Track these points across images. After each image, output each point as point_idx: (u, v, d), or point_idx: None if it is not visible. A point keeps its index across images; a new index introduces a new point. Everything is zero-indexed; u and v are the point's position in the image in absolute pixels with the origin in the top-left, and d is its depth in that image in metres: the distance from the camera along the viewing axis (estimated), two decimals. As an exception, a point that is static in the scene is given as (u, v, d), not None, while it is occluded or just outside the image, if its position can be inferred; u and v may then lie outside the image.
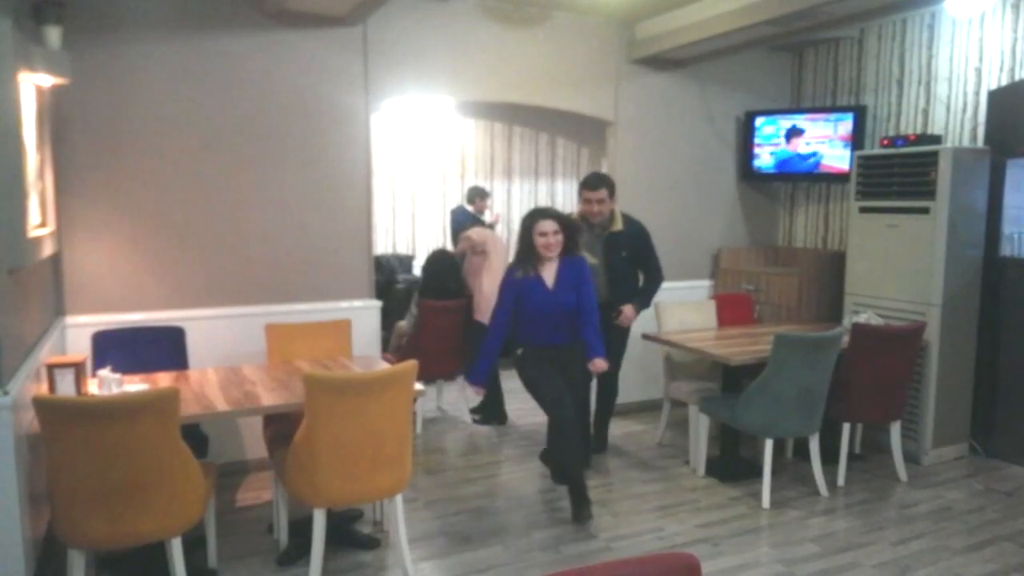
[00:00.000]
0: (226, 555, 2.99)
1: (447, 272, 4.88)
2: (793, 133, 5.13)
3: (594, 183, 3.83)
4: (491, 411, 4.90)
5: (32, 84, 2.80)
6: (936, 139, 4.28)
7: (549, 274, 3.37)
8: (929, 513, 3.48)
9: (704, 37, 4.32)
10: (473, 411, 4.96)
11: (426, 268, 4.96)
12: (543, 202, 7.55)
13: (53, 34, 2.96)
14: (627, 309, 3.92)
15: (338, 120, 4.04)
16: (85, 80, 3.38)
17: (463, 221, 5.91)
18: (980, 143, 4.28)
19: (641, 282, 4.10)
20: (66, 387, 2.63)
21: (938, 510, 3.52)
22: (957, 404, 4.19)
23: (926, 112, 4.64)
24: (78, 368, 2.66)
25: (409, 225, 7.13)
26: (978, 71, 4.33)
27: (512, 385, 5.40)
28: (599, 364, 3.35)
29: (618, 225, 3.89)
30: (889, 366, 3.72)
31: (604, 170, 5.04)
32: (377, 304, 4.28)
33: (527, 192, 7.52)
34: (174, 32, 3.65)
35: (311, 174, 4.01)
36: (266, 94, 3.86)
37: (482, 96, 4.62)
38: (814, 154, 5.05)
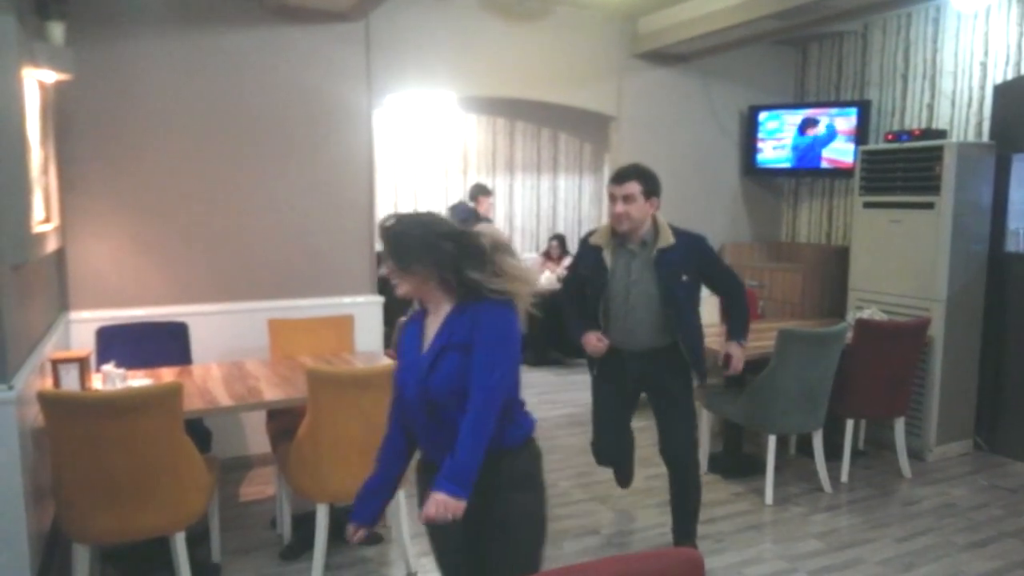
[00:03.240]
0: (229, 549, 3.00)
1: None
2: (808, 124, 5.11)
3: (621, 175, 2.74)
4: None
5: (36, 80, 2.80)
6: (941, 134, 4.26)
7: (434, 326, 1.80)
8: (933, 509, 3.48)
9: (707, 31, 4.30)
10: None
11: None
12: (545, 199, 7.54)
13: (56, 30, 2.96)
14: (735, 350, 2.91)
15: (340, 115, 4.04)
16: (88, 76, 3.38)
17: (466, 217, 5.90)
18: (985, 138, 4.26)
19: (720, 311, 3.03)
20: (70, 382, 2.64)
21: (942, 506, 3.51)
22: (961, 400, 4.17)
23: (931, 107, 4.61)
24: (82, 363, 2.67)
25: (412, 221, 7.11)
26: (983, 65, 4.30)
27: (515, 381, 5.38)
28: (439, 506, 1.61)
29: (668, 239, 2.76)
30: (893, 362, 3.71)
31: (606, 165, 5.01)
32: (379, 300, 4.28)
33: (529, 188, 7.50)
34: (176, 28, 3.65)
35: (314, 169, 4.01)
36: (268, 90, 3.86)
37: (484, 91, 4.61)
38: (831, 133, 5.02)
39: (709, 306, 4.59)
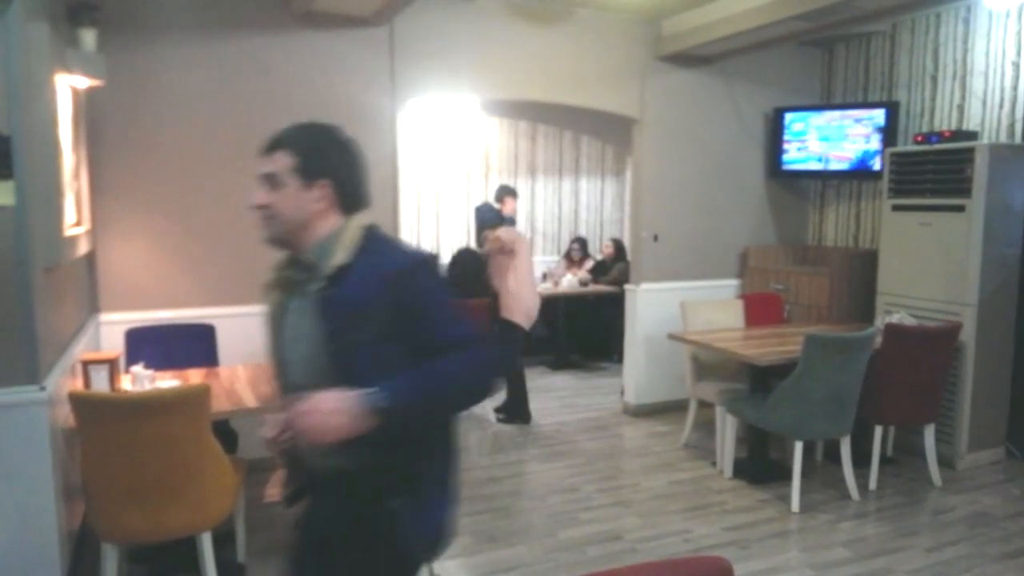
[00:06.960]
0: (254, 550, 3.02)
1: (472, 271, 4.88)
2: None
3: (268, 143, 1.58)
4: (515, 410, 4.90)
5: (68, 86, 2.86)
6: (972, 135, 4.17)
7: None
8: (964, 519, 3.40)
9: (732, 33, 4.26)
10: (497, 410, 4.96)
11: (451, 267, 4.97)
12: (567, 202, 7.52)
13: (88, 37, 3.02)
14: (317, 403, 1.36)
15: (365, 119, 4.06)
16: (118, 82, 3.43)
17: (489, 219, 5.91)
18: (1018, 139, 4.17)
19: None
20: (100, 383, 2.68)
21: (973, 516, 3.43)
22: (993, 407, 4.08)
23: (961, 108, 4.53)
24: (112, 364, 2.72)
25: (434, 224, 7.15)
26: (1016, 65, 4.21)
27: (536, 384, 5.38)
28: None
29: (341, 254, 1.47)
30: (923, 367, 3.64)
31: (628, 170, 4.95)
32: (402, 302, 4.29)
33: (551, 191, 7.50)
34: (204, 34, 3.70)
35: (338, 173, 4.04)
36: (294, 94, 3.90)
37: (507, 94, 4.62)
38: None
39: (733, 308, 4.55)
